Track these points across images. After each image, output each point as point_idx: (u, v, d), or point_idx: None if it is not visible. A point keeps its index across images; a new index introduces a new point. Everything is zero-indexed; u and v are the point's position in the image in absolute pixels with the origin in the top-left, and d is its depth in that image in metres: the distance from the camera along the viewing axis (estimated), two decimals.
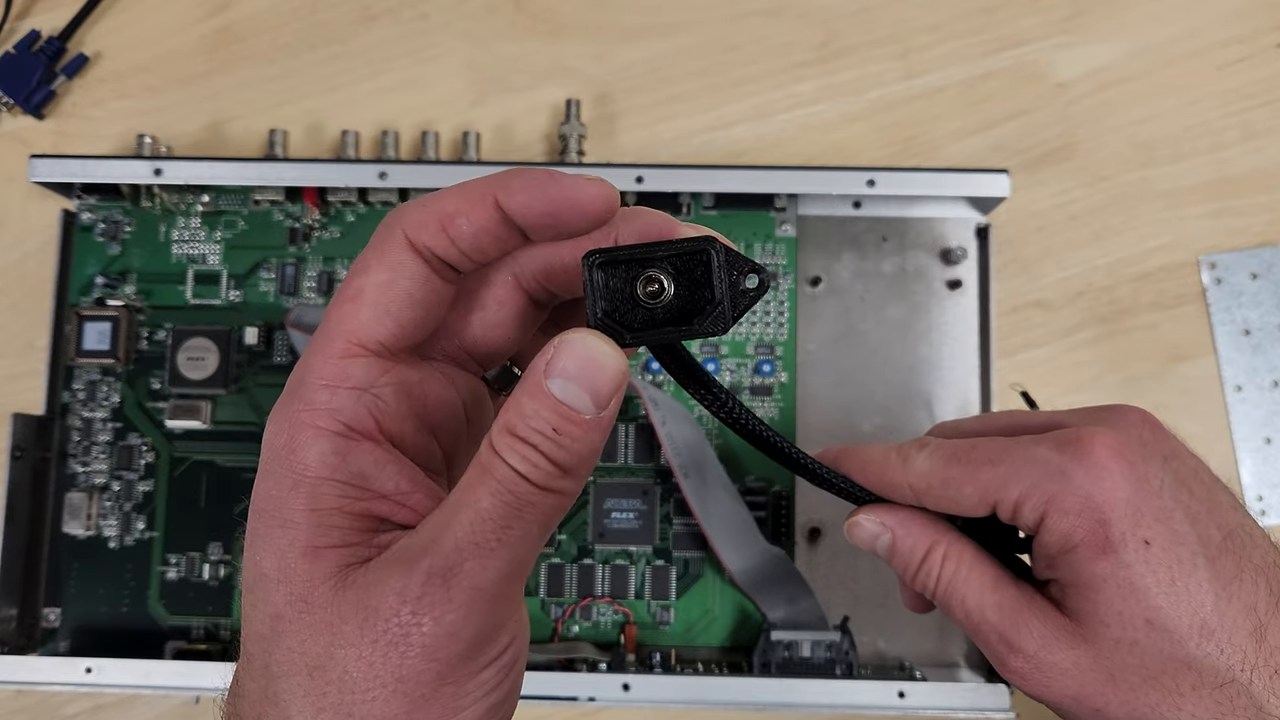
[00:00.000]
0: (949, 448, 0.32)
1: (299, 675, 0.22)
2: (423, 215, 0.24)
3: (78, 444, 0.51)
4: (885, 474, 0.33)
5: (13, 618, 0.49)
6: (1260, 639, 0.29)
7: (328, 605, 0.22)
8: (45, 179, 0.50)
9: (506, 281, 0.26)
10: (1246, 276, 0.53)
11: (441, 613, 0.21)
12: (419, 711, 0.21)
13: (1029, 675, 0.31)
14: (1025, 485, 0.31)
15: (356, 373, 0.23)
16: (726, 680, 0.46)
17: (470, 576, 0.21)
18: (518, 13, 0.56)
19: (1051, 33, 0.55)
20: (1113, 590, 0.29)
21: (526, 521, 0.22)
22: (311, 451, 0.23)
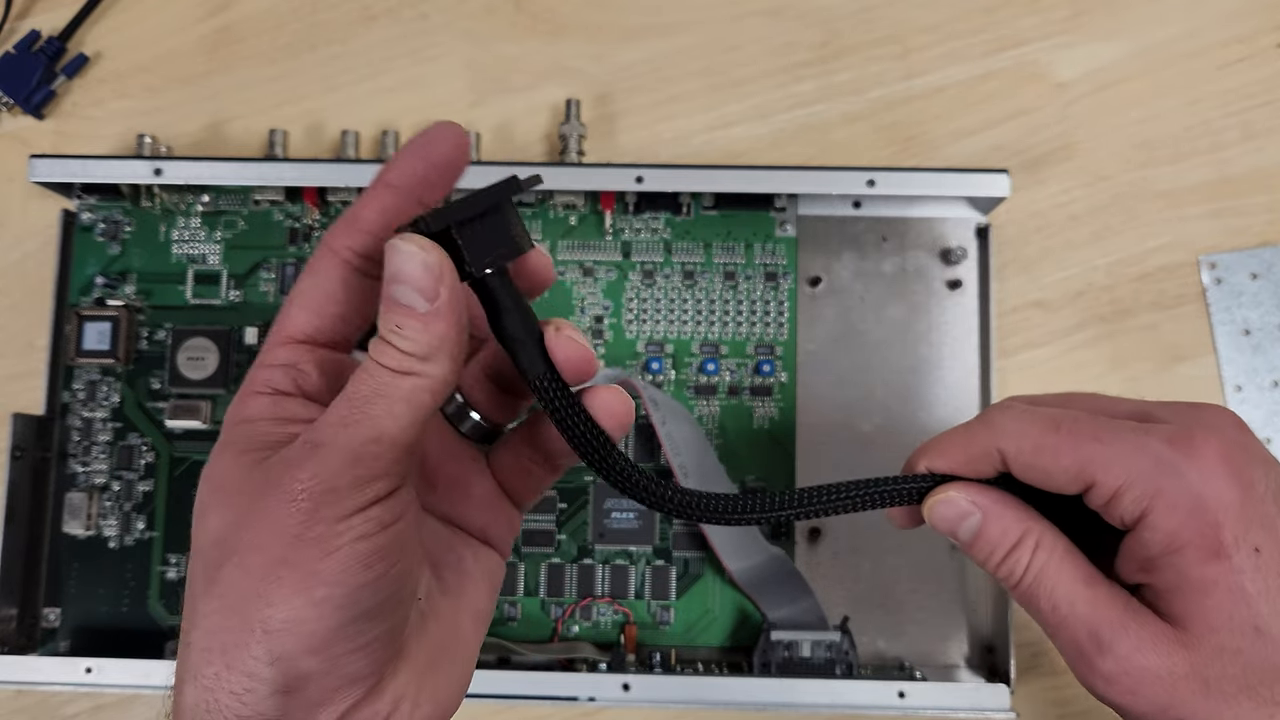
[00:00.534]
0: (1046, 414, 0.31)
1: (206, 550, 0.26)
2: (340, 223, 0.29)
3: (78, 444, 0.51)
4: (970, 443, 0.32)
5: (13, 617, 0.49)
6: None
7: (238, 488, 0.26)
8: (45, 179, 0.50)
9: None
10: (1246, 276, 0.53)
11: (311, 468, 0.25)
12: (292, 551, 0.25)
13: (1116, 679, 0.30)
14: (1133, 473, 0.29)
15: (284, 355, 0.28)
16: (726, 680, 0.46)
17: (337, 439, 0.25)
18: (518, 13, 0.56)
19: (1051, 33, 0.55)
20: (1224, 595, 0.29)
21: (389, 400, 0.26)
22: (250, 406, 0.28)
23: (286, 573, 0.25)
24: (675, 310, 0.52)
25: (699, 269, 0.52)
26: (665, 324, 0.52)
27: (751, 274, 0.52)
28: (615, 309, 0.52)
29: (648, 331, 0.51)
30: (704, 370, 0.51)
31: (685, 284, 0.52)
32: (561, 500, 0.50)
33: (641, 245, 0.52)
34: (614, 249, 0.52)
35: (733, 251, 0.52)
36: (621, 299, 0.52)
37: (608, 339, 0.51)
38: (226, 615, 0.25)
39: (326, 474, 0.25)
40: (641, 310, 0.52)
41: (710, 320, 0.51)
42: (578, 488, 0.50)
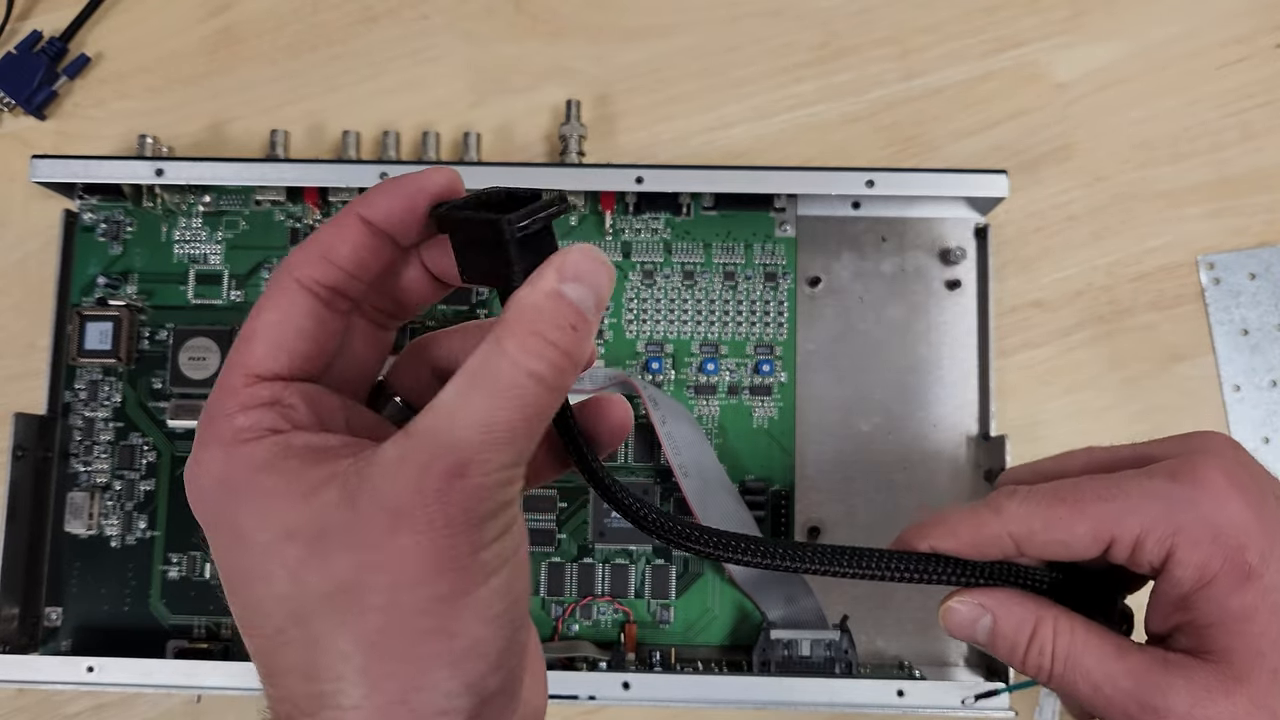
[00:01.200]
0: (1048, 489, 0.31)
1: (333, 598, 0.23)
2: (304, 254, 0.26)
3: (79, 443, 0.51)
4: (980, 530, 0.31)
5: (15, 617, 0.49)
6: None
7: (317, 534, 0.23)
8: (47, 179, 0.51)
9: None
10: (1245, 276, 0.53)
11: (452, 495, 0.23)
12: (455, 578, 0.23)
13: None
14: (1147, 519, 0.29)
15: (263, 393, 0.25)
16: (726, 679, 0.46)
17: (478, 470, 0.23)
18: (518, 14, 0.56)
19: (1051, 33, 0.55)
20: (1267, 617, 0.28)
21: (533, 421, 0.23)
22: (253, 453, 0.25)
23: (456, 600, 0.23)
24: (675, 310, 0.52)
25: (699, 269, 0.52)
26: (665, 324, 0.52)
27: (751, 274, 0.52)
28: (615, 309, 0.52)
29: (648, 331, 0.52)
30: (704, 370, 0.51)
31: (685, 284, 0.52)
32: (562, 500, 0.50)
33: (641, 245, 0.52)
34: (614, 249, 0.52)
35: (732, 252, 0.52)
36: (622, 299, 0.52)
37: (608, 339, 0.52)
38: (396, 662, 0.23)
39: (468, 499, 0.23)
40: (642, 310, 0.52)
41: (710, 320, 0.52)
42: (578, 487, 0.50)
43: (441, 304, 0.52)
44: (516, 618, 0.24)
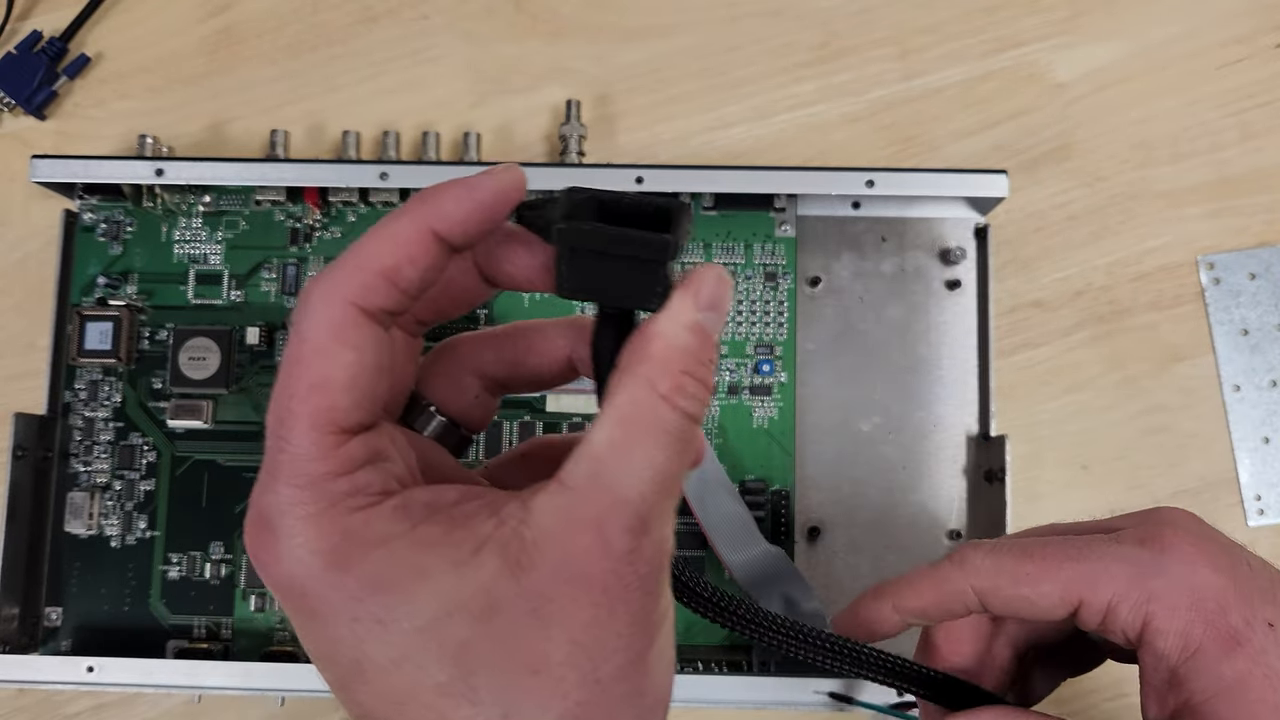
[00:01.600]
0: (1015, 544, 0.31)
1: (520, 681, 0.21)
2: (365, 278, 0.23)
3: (79, 443, 0.51)
4: (943, 584, 0.31)
5: (14, 617, 0.49)
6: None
7: (474, 597, 0.21)
8: (47, 179, 0.50)
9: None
10: (1245, 276, 0.53)
11: (639, 567, 0.22)
12: (640, 616, 0.22)
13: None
14: (1119, 582, 0.28)
15: (359, 451, 0.23)
16: (726, 679, 0.46)
17: (657, 524, 0.22)
18: (518, 14, 0.56)
19: (1050, 33, 0.55)
20: (1262, 683, 0.28)
21: (687, 465, 0.22)
22: (378, 522, 0.22)
23: (644, 657, 0.22)
24: None
25: None
26: None
27: (751, 274, 0.52)
28: None
29: None
30: None
31: None
32: None
33: None
34: None
35: (732, 251, 0.52)
36: None
37: None
38: (598, 706, 0.22)
39: (655, 555, 0.22)
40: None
41: None
42: None
43: None
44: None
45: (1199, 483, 0.52)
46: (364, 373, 0.23)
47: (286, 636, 0.50)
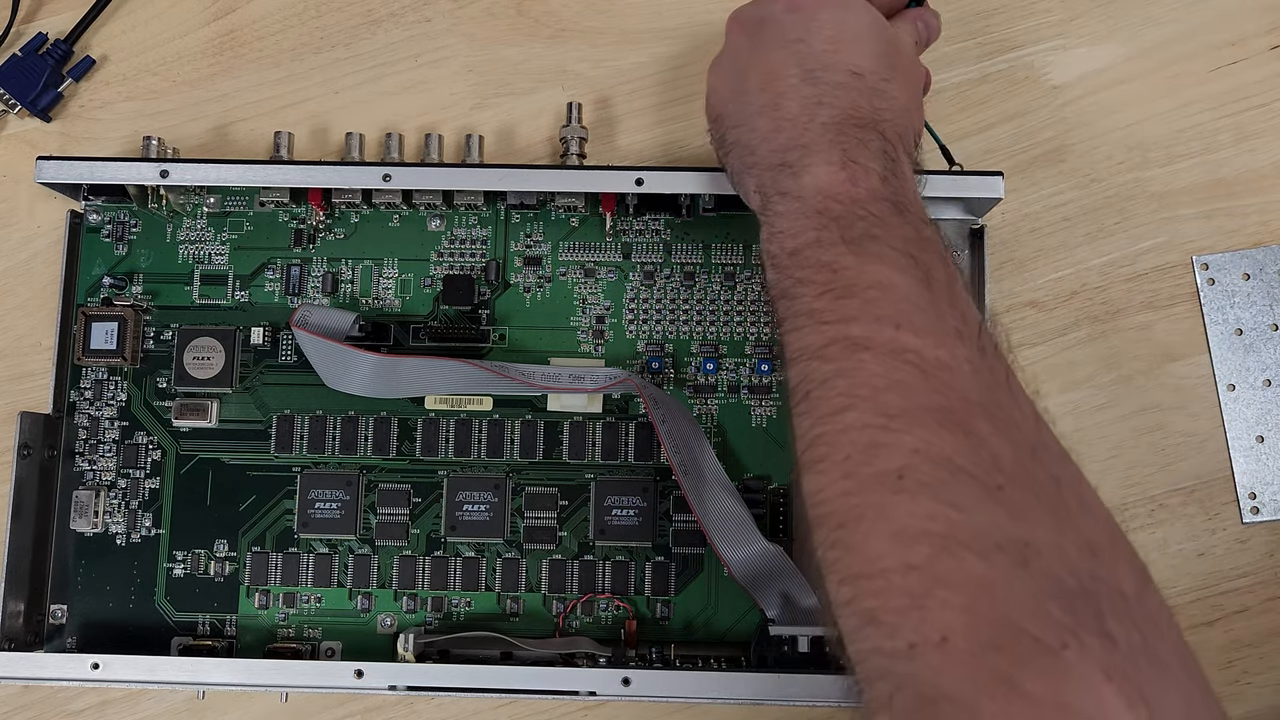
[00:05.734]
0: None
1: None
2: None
3: (84, 442, 0.52)
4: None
5: (20, 614, 0.50)
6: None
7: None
8: (52, 180, 0.51)
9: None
10: (1239, 277, 0.53)
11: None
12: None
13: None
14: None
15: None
16: (725, 675, 0.47)
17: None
18: (519, 17, 0.57)
19: (1046, 36, 0.55)
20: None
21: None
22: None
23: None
24: (675, 310, 0.52)
25: (699, 270, 0.52)
26: (665, 324, 0.52)
27: (750, 275, 0.52)
28: (616, 309, 0.52)
29: (648, 331, 0.52)
30: (703, 370, 0.52)
31: (685, 284, 0.52)
32: (563, 498, 0.51)
33: (642, 246, 0.53)
34: (615, 250, 0.53)
35: (732, 252, 0.52)
36: (622, 299, 0.52)
37: (608, 339, 0.52)
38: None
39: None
40: (642, 310, 0.52)
41: (710, 320, 0.52)
42: (579, 485, 0.51)
43: (443, 304, 0.52)
44: None
45: (1194, 481, 0.52)
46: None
47: (289, 634, 0.51)
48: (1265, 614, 0.51)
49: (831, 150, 0.40)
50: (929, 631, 0.30)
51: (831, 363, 0.36)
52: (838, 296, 0.37)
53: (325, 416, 0.51)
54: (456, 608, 0.51)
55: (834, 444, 0.35)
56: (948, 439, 0.33)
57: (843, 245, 0.38)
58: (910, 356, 0.35)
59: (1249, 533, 0.52)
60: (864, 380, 0.35)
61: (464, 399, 0.51)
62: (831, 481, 0.35)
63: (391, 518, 0.51)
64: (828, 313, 0.37)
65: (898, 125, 0.42)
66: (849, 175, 0.40)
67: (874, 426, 0.34)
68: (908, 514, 0.32)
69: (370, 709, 0.52)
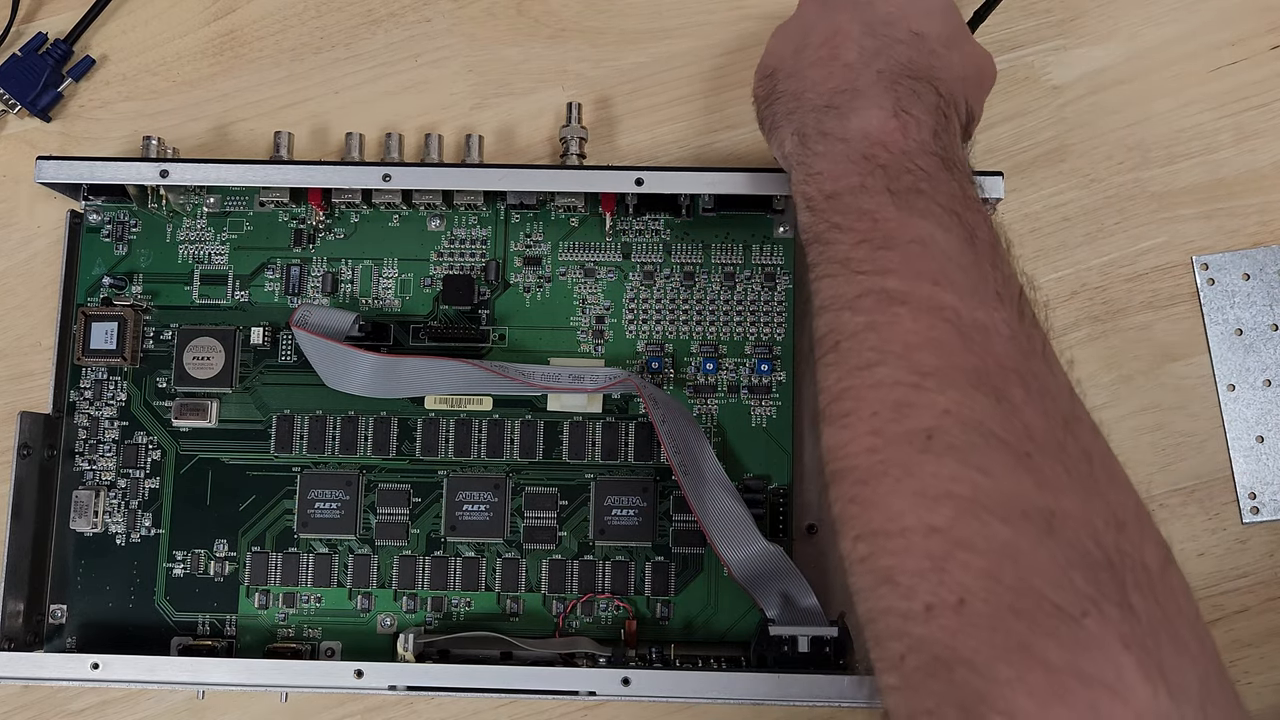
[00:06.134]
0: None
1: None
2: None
3: (84, 442, 0.52)
4: None
5: (20, 614, 0.50)
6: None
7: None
8: (52, 180, 0.51)
9: None
10: (1239, 277, 0.53)
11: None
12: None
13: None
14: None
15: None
16: (725, 675, 0.47)
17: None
18: (519, 16, 0.57)
19: (1046, 36, 0.55)
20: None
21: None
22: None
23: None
24: (675, 310, 0.52)
25: (698, 270, 0.52)
26: (665, 324, 0.52)
27: (750, 274, 0.52)
28: (616, 309, 0.52)
29: (648, 331, 0.52)
30: (703, 370, 0.52)
31: (685, 284, 0.52)
32: (563, 497, 0.51)
33: (641, 246, 0.53)
34: (614, 250, 0.53)
35: (731, 252, 0.52)
36: (622, 299, 0.52)
37: (608, 339, 0.52)
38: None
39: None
40: (642, 310, 0.52)
41: (709, 320, 0.52)
42: (579, 485, 0.51)
43: (443, 304, 0.52)
44: None
45: (1194, 481, 0.52)
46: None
47: (289, 633, 0.51)
48: (1265, 614, 0.51)
49: (884, 96, 0.39)
50: (946, 594, 0.30)
51: (864, 314, 0.35)
52: (876, 247, 0.36)
53: (325, 416, 0.51)
54: (456, 608, 0.51)
55: (862, 398, 0.34)
56: (980, 402, 0.32)
57: (887, 195, 0.37)
58: (948, 314, 0.34)
59: (1249, 533, 0.52)
60: (898, 335, 0.34)
61: (464, 399, 0.51)
62: (857, 436, 0.34)
63: (391, 518, 0.51)
64: (864, 262, 0.36)
65: (952, 87, 0.42)
66: (900, 124, 0.39)
67: (905, 384, 0.33)
68: (933, 474, 0.32)
69: (370, 709, 0.52)
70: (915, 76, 0.40)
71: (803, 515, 0.51)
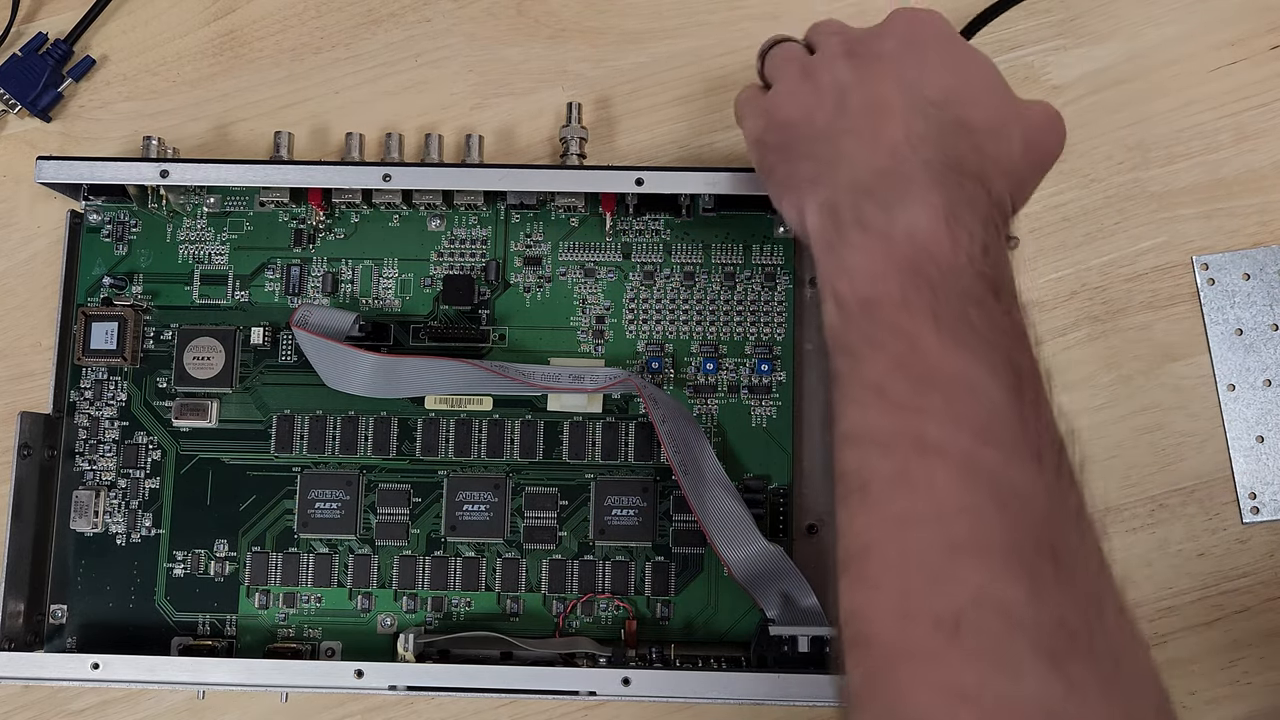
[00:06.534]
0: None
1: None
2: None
3: (84, 442, 0.52)
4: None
5: (20, 614, 0.50)
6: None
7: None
8: (52, 180, 0.51)
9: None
10: (1239, 277, 0.53)
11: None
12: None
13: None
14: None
15: None
16: (725, 675, 0.47)
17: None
18: (519, 16, 0.57)
19: (1046, 36, 0.55)
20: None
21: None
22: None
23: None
24: (675, 310, 0.52)
25: (698, 270, 0.52)
26: (665, 324, 0.52)
27: (750, 274, 0.52)
28: (616, 309, 0.52)
29: (648, 331, 0.52)
30: (703, 370, 0.52)
31: (685, 284, 0.52)
32: (563, 497, 0.51)
33: (641, 246, 0.53)
34: (614, 250, 0.53)
35: (731, 252, 0.52)
36: (622, 299, 0.52)
37: (608, 339, 0.52)
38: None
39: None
40: (642, 310, 0.52)
41: (709, 320, 0.52)
42: (579, 485, 0.51)
43: (443, 304, 0.52)
44: None
45: (1194, 481, 0.52)
46: None
47: (289, 633, 0.51)
48: (1265, 614, 0.51)
49: (933, 191, 0.36)
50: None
51: (897, 460, 0.33)
52: (915, 379, 0.33)
53: (325, 416, 0.52)
54: (456, 608, 0.51)
55: (890, 563, 0.32)
56: (1013, 586, 0.30)
57: (930, 319, 0.34)
58: (987, 476, 0.32)
59: (1249, 533, 0.52)
60: (934, 496, 0.32)
61: (464, 399, 0.51)
62: (882, 607, 0.32)
63: (391, 518, 0.51)
64: (901, 396, 0.33)
65: (1002, 188, 0.38)
66: (951, 234, 0.35)
67: (937, 554, 0.31)
68: (960, 671, 0.30)
69: (370, 709, 0.52)
70: (966, 174, 0.37)
71: (803, 515, 0.51)
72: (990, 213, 0.36)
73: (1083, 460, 0.34)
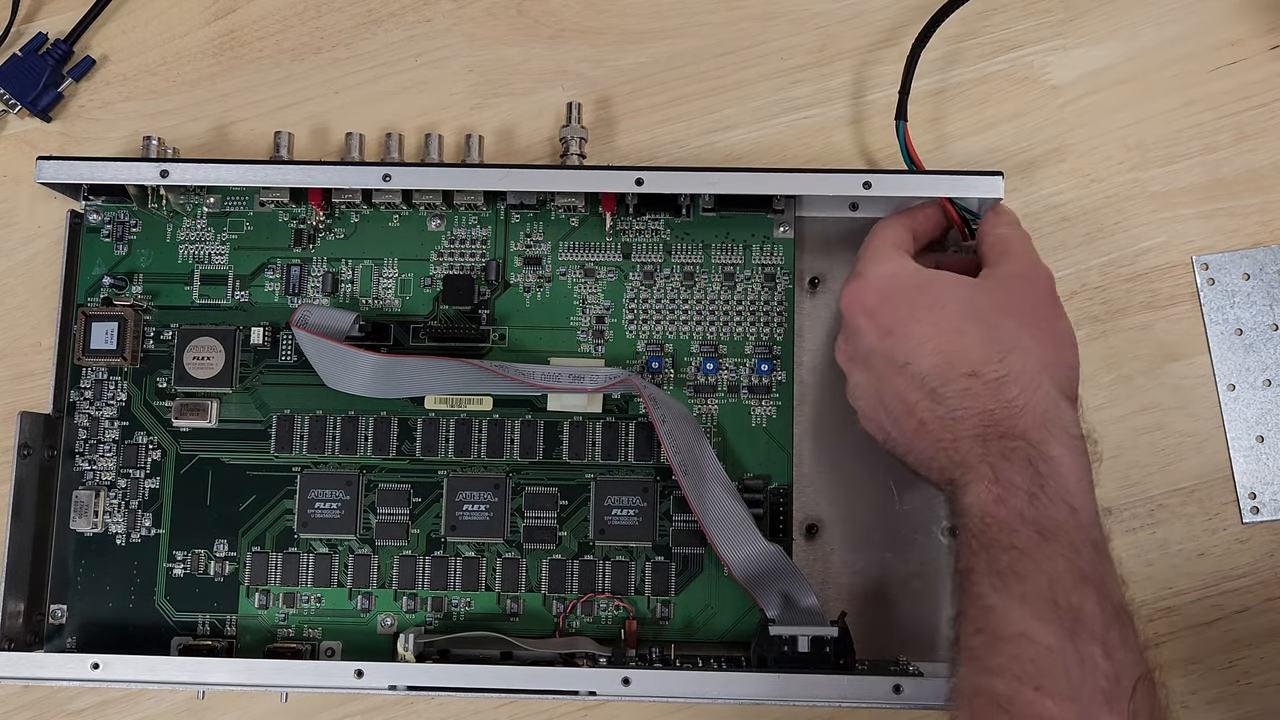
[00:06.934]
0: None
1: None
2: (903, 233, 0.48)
3: (84, 442, 0.52)
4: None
5: (20, 614, 0.50)
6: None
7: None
8: (52, 180, 0.51)
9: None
10: (1239, 277, 0.53)
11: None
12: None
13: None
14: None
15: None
16: (725, 675, 0.47)
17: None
18: (519, 17, 0.57)
19: (1046, 36, 0.55)
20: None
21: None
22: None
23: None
24: (675, 310, 0.52)
25: (698, 270, 0.52)
26: (665, 324, 0.52)
27: (750, 275, 0.52)
28: (616, 309, 0.52)
29: (648, 331, 0.52)
30: (703, 370, 0.52)
31: (684, 284, 0.52)
32: (563, 497, 0.51)
33: (641, 246, 0.53)
34: (614, 250, 0.53)
35: (731, 252, 0.52)
36: (622, 299, 0.52)
37: (608, 339, 0.52)
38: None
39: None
40: (642, 310, 0.52)
41: (709, 320, 0.52)
42: (579, 485, 0.51)
43: (443, 304, 0.52)
44: None
45: (1194, 481, 0.52)
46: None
47: (289, 633, 0.51)
48: (1265, 614, 0.51)
49: (981, 462, 0.41)
50: None
51: (975, 718, 0.37)
52: (988, 640, 0.38)
53: (325, 416, 0.52)
54: (456, 608, 0.51)
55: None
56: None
57: (991, 579, 0.39)
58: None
59: (1249, 533, 0.52)
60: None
61: (464, 399, 0.51)
62: None
63: (391, 517, 0.51)
64: (978, 656, 0.38)
65: (1035, 410, 0.41)
66: (996, 495, 0.40)
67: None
68: None
69: (370, 709, 0.52)
70: (1000, 432, 0.41)
71: (803, 515, 0.51)
72: (1030, 454, 0.40)
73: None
